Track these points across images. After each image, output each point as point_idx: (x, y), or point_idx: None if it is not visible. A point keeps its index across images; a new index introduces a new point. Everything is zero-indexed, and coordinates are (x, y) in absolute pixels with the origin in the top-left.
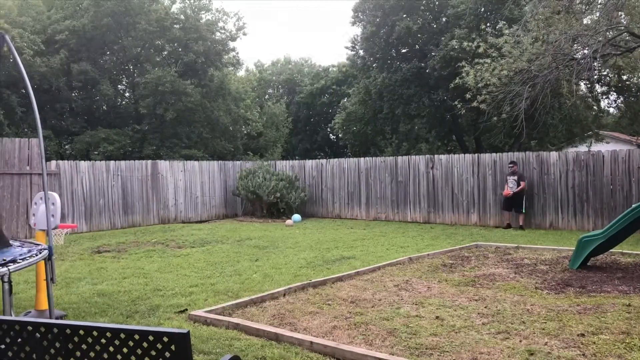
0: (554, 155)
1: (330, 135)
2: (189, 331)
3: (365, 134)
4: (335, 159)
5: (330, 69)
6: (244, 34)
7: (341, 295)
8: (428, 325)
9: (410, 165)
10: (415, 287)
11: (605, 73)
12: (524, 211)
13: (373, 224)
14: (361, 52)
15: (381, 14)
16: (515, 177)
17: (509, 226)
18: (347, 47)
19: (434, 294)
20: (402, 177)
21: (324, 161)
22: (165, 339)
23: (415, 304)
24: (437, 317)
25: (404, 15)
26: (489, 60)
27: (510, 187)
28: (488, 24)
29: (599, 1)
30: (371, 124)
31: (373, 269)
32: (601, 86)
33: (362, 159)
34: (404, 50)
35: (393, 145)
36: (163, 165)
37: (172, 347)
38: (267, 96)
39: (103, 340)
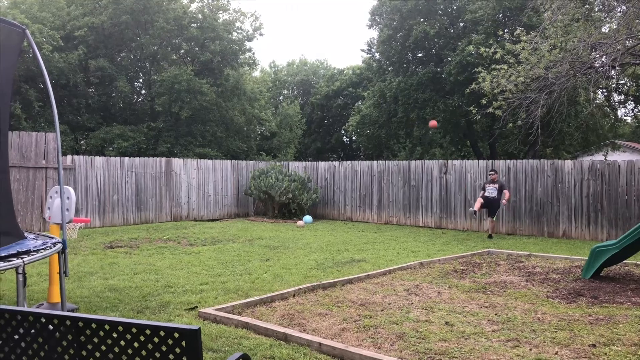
0: (569, 163)
1: (344, 137)
2: (199, 328)
3: (379, 137)
4: (348, 162)
5: (345, 71)
6: (261, 35)
7: (351, 298)
8: (437, 330)
9: (423, 170)
10: (426, 292)
11: (623, 82)
12: (494, 218)
13: (384, 228)
14: (377, 55)
15: (398, 18)
16: (497, 186)
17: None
18: (363, 50)
19: (444, 299)
20: (415, 181)
21: (336, 163)
22: (176, 335)
23: (425, 309)
24: (446, 323)
25: (421, 20)
26: (505, 67)
27: (490, 193)
28: (506, 30)
29: (619, 9)
30: (385, 128)
31: (383, 272)
32: (619, 95)
33: (375, 162)
34: (420, 55)
35: (406, 149)
36: (177, 162)
37: (183, 343)
38: (281, 97)
39: (115, 334)
